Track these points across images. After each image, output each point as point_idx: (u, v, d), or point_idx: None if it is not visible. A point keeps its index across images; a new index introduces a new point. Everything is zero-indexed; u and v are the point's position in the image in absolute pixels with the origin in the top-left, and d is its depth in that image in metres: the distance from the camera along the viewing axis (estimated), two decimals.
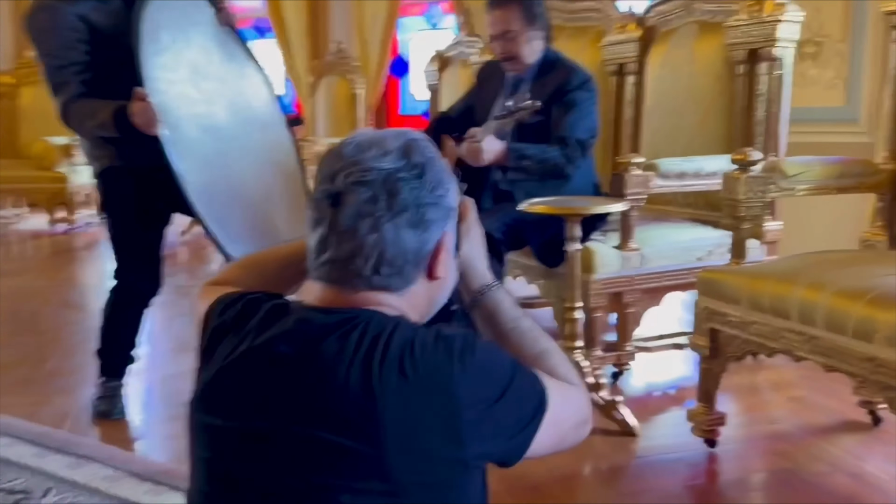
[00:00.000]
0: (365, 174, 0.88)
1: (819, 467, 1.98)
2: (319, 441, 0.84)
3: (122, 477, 1.93)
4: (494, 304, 1.10)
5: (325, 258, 0.91)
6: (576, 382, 1.07)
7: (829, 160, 2.03)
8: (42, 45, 2.14)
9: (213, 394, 0.93)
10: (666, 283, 2.56)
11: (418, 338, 0.87)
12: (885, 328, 1.50)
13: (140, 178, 2.20)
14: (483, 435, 0.88)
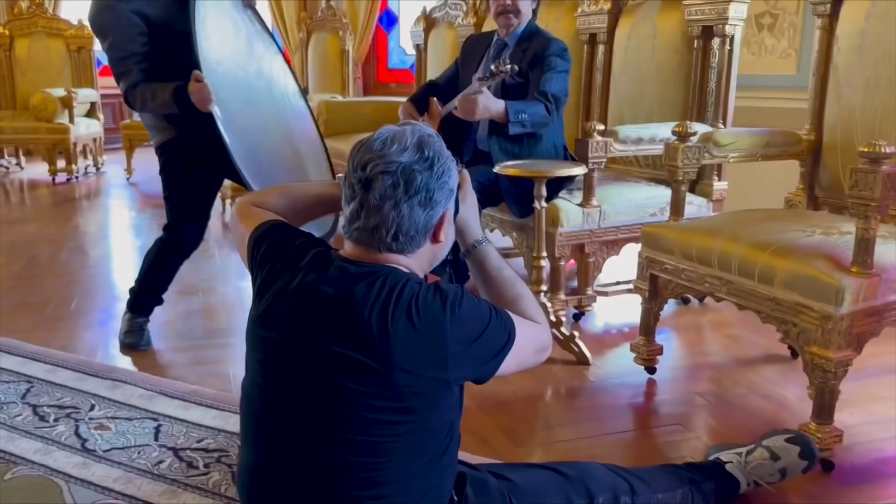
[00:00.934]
0: (388, 165, 1.18)
1: (739, 390, 2.37)
2: (347, 357, 1.16)
3: (154, 396, 2.27)
4: (484, 255, 1.45)
5: (356, 226, 1.23)
6: (540, 321, 1.42)
7: (756, 132, 2.35)
8: (106, 40, 2.43)
9: (271, 315, 1.25)
10: (623, 235, 2.91)
11: (422, 291, 1.20)
12: (783, 274, 1.85)
13: (195, 149, 2.52)
14: (463, 363, 1.22)
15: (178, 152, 2.57)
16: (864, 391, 2.31)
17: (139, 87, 2.42)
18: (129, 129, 6.32)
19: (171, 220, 2.65)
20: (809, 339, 1.81)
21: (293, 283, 1.24)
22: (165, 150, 2.59)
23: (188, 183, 2.60)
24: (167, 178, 2.62)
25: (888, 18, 2.17)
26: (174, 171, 2.59)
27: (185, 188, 2.61)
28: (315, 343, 1.19)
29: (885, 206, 1.74)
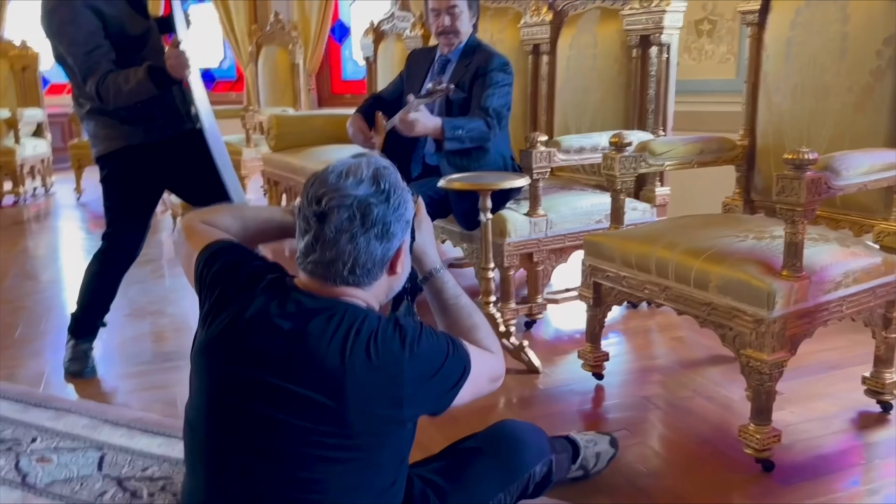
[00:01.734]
0: (344, 199, 1.17)
1: (685, 393, 2.41)
2: (297, 394, 1.15)
3: (99, 425, 2.23)
4: (441, 283, 1.46)
5: (311, 259, 1.22)
6: (495, 350, 1.44)
7: (691, 139, 2.41)
8: (67, 37, 2.36)
9: (221, 343, 1.23)
10: (570, 243, 2.94)
11: (381, 328, 1.19)
12: (716, 279, 1.90)
13: (144, 159, 2.51)
14: (419, 401, 1.23)
15: (124, 161, 2.53)
16: (803, 389, 2.37)
17: (110, 76, 2.36)
18: (77, 148, 6.20)
19: (113, 229, 2.62)
20: (744, 342, 1.86)
21: (247, 312, 1.22)
22: (112, 158, 2.55)
23: (132, 192, 2.58)
24: (111, 188, 2.59)
25: (811, 27, 2.24)
26: (120, 179, 2.56)
27: (129, 197, 2.58)
28: (264, 378, 1.17)
29: (811, 211, 1.79)
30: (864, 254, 2.01)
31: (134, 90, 2.37)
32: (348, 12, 7.78)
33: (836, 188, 1.85)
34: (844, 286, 1.94)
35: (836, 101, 2.19)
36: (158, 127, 2.54)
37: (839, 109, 2.19)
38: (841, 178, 1.84)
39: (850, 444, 2.09)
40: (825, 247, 1.98)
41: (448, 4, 2.84)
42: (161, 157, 2.56)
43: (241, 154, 5.12)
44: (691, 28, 3.98)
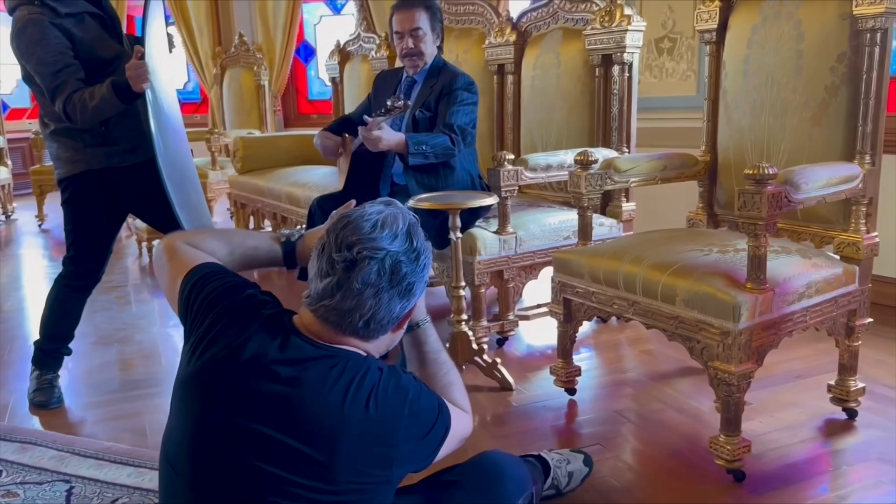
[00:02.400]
0: (378, 251, 1.14)
1: (656, 406, 2.44)
2: (287, 445, 1.10)
3: (66, 456, 2.18)
4: (425, 336, 1.46)
5: (326, 303, 1.16)
6: (467, 410, 1.45)
7: (654, 156, 2.45)
8: (35, 56, 2.32)
9: (210, 379, 1.17)
10: (540, 260, 2.97)
11: (382, 382, 1.16)
12: (683, 293, 1.93)
13: (106, 183, 2.48)
14: (409, 461, 1.22)
15: (86, 184, 2.50)
16: (772, 398, 2.41)
17: (76, 94, 2.33)
18: (39, 174, 6.10)
19: (74, 253, 2.57)
20: (712, 354, 1.89)
21: (243, 352, 1.15)
22: (73, 182, 2.52)
23: (93, 216, 2.54)
24: (73, 211, 2.55)
25: (767, 45, 2.31)
26: (81, 203, 2.52)
27: (90, 221, 2.55)
28: (255, 426, 1.12)
29: (773, 224, 1.84)
30: (825, 265, 2.06)
31: (98, 106, 2.33)
32: (314, 33, 7.80)
33: (796, 202, 1.90)
34: (807, 297, 1.98)
35: (793, 117, 2.25)
36: (121, 152, 2.51)
37: (796, 124, 2.25)
38: (800, 192, 1.89)
39: (818, 451, 2.13)
40: (788, 259, 2.03)
41: (411, 27, 2.87)
42: (123, 182, 2.54)
43: (206, 177, 5.08)
44: (652, 46, 4.06)
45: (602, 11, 3.03)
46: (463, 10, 3.79)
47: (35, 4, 2.33)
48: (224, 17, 7.61)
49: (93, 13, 2.46)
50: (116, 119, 2.45)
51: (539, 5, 3.40)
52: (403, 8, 2.91)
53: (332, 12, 7.79)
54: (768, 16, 2.31)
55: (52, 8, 2.34)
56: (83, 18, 2.42)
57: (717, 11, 2.47)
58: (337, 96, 5.21)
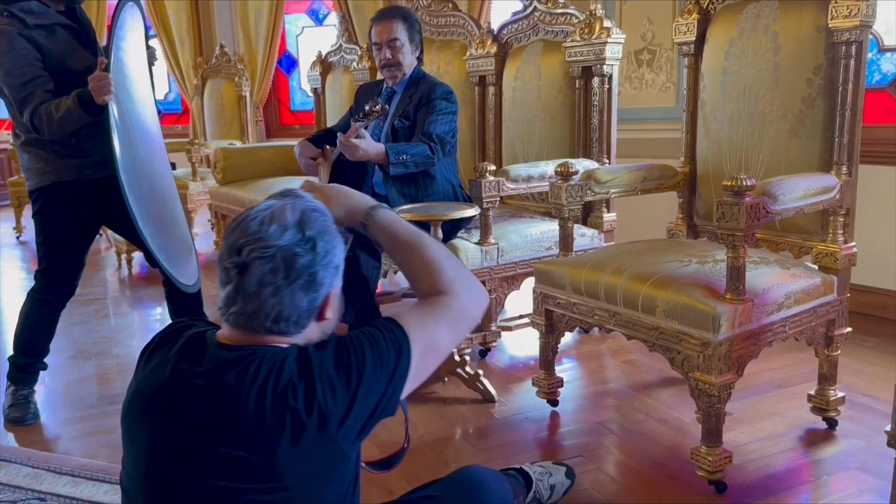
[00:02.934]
0: (266, 250, 1.08)
1: (638, 417, 2.44)
2: (223, 454, 1.07)
3: (41, 474, 2.15)
4: (388, 219, 1.31)
5: (232, 310, 1.13)
6: (456, 289, 1.25)
7: (634, 167, 2.46)
8: (3, 67, 2.29)
9: (145, 402, 1.16)
10: (522, 271, 2.97)
11: (298, 371, 1.09)
12: (663, 304, 1.93)
13: (77, 195, 2.46)
14: (353, 430, 1.12)
15: (56, 196, 2.47)
16: (752, 408, 2.42)
17: (42, 106, 2.30)
18: (16, 185, 6.04)
19: (46, 266, 2.54)
20: (692, 365, 1.89)
21: (164, 374, 1.14)
22: (43, 193, 2.48)
23: (66, 228, 2.51)
24: (44, 223, 2.51)
25: (745, 57, 2.33)
26: (52, 215, 2.49)
27: (63, 233, 2.51)
28: (190, 441, 1.10)
29: (751, 235, 1.85)
30: (804, 275, 2.08)
31: (64, 118, 2.30)
32: (296, 44, 7.79)
33: (774, 213, 1.91)
34: (786, 307, 2.00)
35: (770, 128, 2.27)
36: (93, 164, 2.48)
37: (774, 136, 2.27)
38: (778, 203, 1.90)
39: (799, 461, 2.13)
40: (767, 269, 2.04)
41: (389, 38, 2.88)
42: (95, 194, 2.50)
43: (187, 188, 5.04)
44: (631, 58, 4.10)
45: (582, 24, 3.05)
46: (444, 21, 3.80)
47: (3, 16, 2.30)
48: (205, 28, 7.58)
49: (65, 24, 2.43)
50: (87, 131, 2.42)
51: (519, 17, 3.41)
52: (381, 19, 2.92)
53: (314, 23, 7.79)
54: (745, 28, 2.33)
55: (21, 19, 2.31)
56: (54, 30, 2.39)
57: (695, 24, 2.49)
58: (319, 107, 5.19)
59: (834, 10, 2.09)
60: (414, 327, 1.19)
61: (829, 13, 2.11)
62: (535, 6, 3.31)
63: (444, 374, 2.66)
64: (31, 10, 2.33)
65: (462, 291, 1.26)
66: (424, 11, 3.84)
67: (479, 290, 1.30)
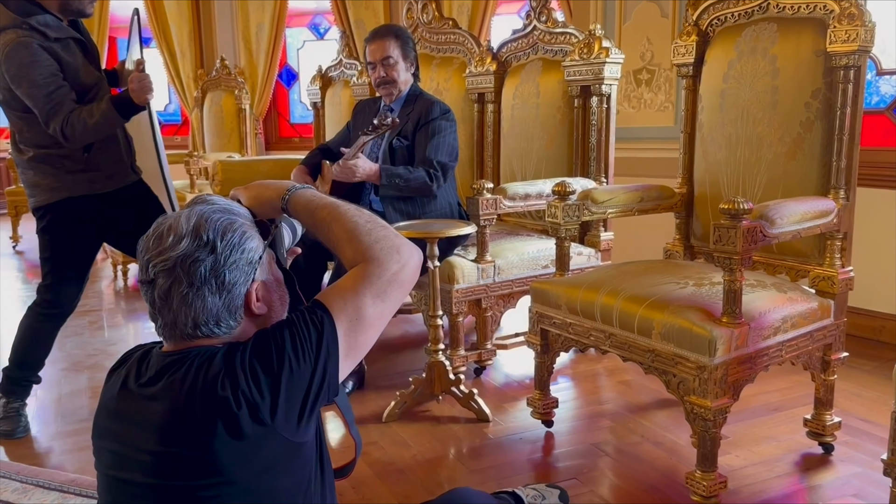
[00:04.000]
0: (165, 263, 1.10)
1: (633, 438, 2.42)
2: (168, 453, 1.08)
3: (30, 489, 2.12)
4: (304, 198, 1.25)
5: (158, 325, 1.16)
6: (376, 255, 1.18)
7: (631, 188, 2.46)
8: (28, 79, 2.30)
9: (101, 423, 1.18)
10: (518, 289, 2.96)
11: (224, 366, 1.09)
12: (659, 326, 1.92)
13: (87, 210, 2.47)
14: (290, 417, 1.09)
15: (66, 212, 2.47)
16: (748, 432, 2.41)
17: (73, 113, 2.32)
18: (14, 195, 6.01)
19: (51, 282, 2.53)
20: (688, 388, 1.88)
21: (114, 391, 1.17)
22: (52, 209, 2.48)
23: (72, 243, 2.51)
24: (50, 239, 2.51)
25: (743, 80, 2.33)
26: (60, 231, 2.49)
27: (69, 249, 2.51)
28: (143, 447, 1.11)
29: (748, 259, 1.84)
30: (800, 299, 2.07)
31: (99, 122, 2.33)
32: (296, 57, 7.82)
33: (771, 236, 1.90)
34: (783, 331, 1.99)
35: (768, 151, 2.27)
36: (103, 178, 2.50)
37: (772, 159, 2.27)
38: (775, 227, 1.90)
39: (794, 487, 2.11)
40: (763, 293, 2.03)
41: (382, 56, 2.90)
42: (104, 208, 2.51)
43: (184, 199, 5.04)
44: (630, 77, 4.11)
45: (581, 43, 3.06)
46: (444, 38, 3.81)
47: (24, 28, 2.31)
48: (206, 41, 7.60)
49: (76, 39, 2.45)
50: (99, 145, 2.44)
51: (519, 36, 3.42)
52: (374, 38, 2.94)
53: (315, 37, 7.82)
54: (744, 51, 2.33)
55: (42, 32, 2.33)
56: (69, 44, 2.41)
57: (694, 46, 2.50)
58: (318, 121, 5.20)
59: (833, 35, 2.10)
60: (335, 302, 1.16)
61: (827, 38, 2.11)
62: (535, 25, 3.32)
63: (439, 392, 2.64)
64: (49, 24, 2.35)
65: (383, 256, 1.19)
66: (425, 28, 3.85)
67: (405, 251, 1.21)
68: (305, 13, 7.72)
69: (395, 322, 3.78)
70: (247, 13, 7.22)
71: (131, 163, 2.62)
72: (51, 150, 2.42)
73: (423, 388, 2.64)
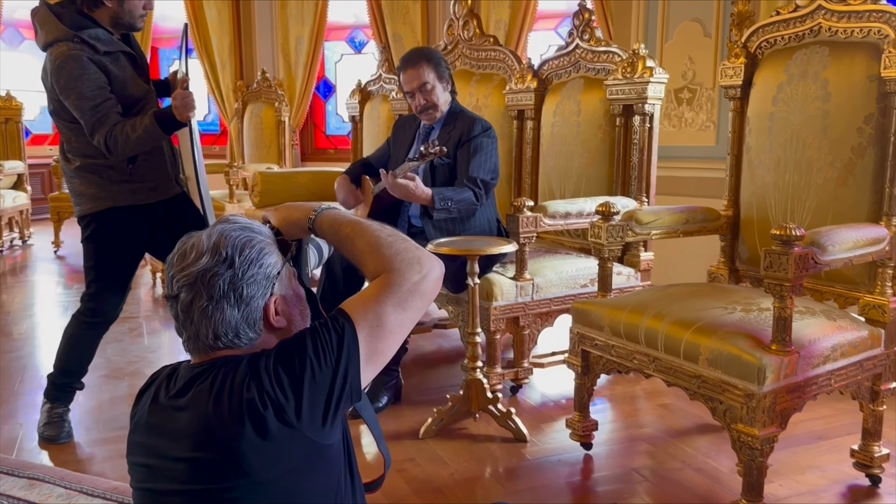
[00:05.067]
0: (186, 278, 1.15)
1: (674, 464, 2.38)
2: (195, 458, 1.11)
3: (74, 495, 2.15)
4: (329, 217, 1.30)
5: (184, 339, 1.20)
6: (396, 266, 1.21)
7: (677, 209, 2.44)
8: (76, 90, 2.36)
9: (133, 441, 1.21)
10: (556, 307, 2.95)
11: (249, 372, 1.12)
12: (706, 352, 1.90)
13: (130, 220, 2.52)
14: (315, 418, 1.12)
15: (110, 221, 2.52)
16: (792, 460, 2.36)
17: (117, 126, 2.38)
18: (56, 201, 6.15)
19: (95, 290, 2.58)
20: (735, 416, 1.85)
21: (146, 405, 1.21)
22: (96, 218, 2.53)
23: (116, 252, 2.55)
24: (95, 248, 2.56)
25: (793, 103, 2.30)
26: (104, 240, 2.54)
27: (112, 258, 2.56)
28: (172, 455, 1.14)
29: (799, 286, 1.81)
30: (850, 327, 2.03)
31: (142, 137, 2.39)
32: (334, 70, 7.90)
33: (823, 263, 1.87)
34: (832, 360, 1.95)
35: (818, 176, 2.24)
36: (146, 189, 2.54)
37: (821, 184, 2.23)
38: (827, 254, 1.87)
39: None
40: (813, 320, 1.99)
41: (419, 83, 2.89)
42: (147, 219, 2.56)
43: (224, 210, 5.10)
44: (672, 96, 4.08)
45: (624, 62, 3.04)
46: (485, 55, 3.82)
47: (74, 41, 2.37)
48: (247, 52, 7.72)
49: (126, 52, 2.50)
50: (144, 157, 2.49)
51: (561, 54, 3.42)
52: (407, 67, 2.93)
53: (353, 51, 7.90)
54: (794, 74, 2.31)
55: (92, 45, 2.39)
56: (118, 57, 2.47)
57: (742, 68, 2.47)
58: (356, 134, 5.24)
59: (887, 60, 2.07)
60: (357, 310, 1.20)
61: (881, 63, 2.08)
62: (578, 43, 3.32)
63: (476, 410, 2.63)
64: (99, 38, 2.41)
65: (404, 267, 1.22)
66: (465, 45, 3.87)
67: (426, 262, 1.24)
68: (344, 27, 7.81)
69: (430, 337, 3.79)
70: (286, 26, 7.33)
71: (175, 175, 2.67)
72: (97, 160, 2.47)
73: (460, 405, 2.64)
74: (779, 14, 2.41)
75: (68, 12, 2.40)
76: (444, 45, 3.98)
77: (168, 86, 2.71)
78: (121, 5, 2.43)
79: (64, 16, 2.40)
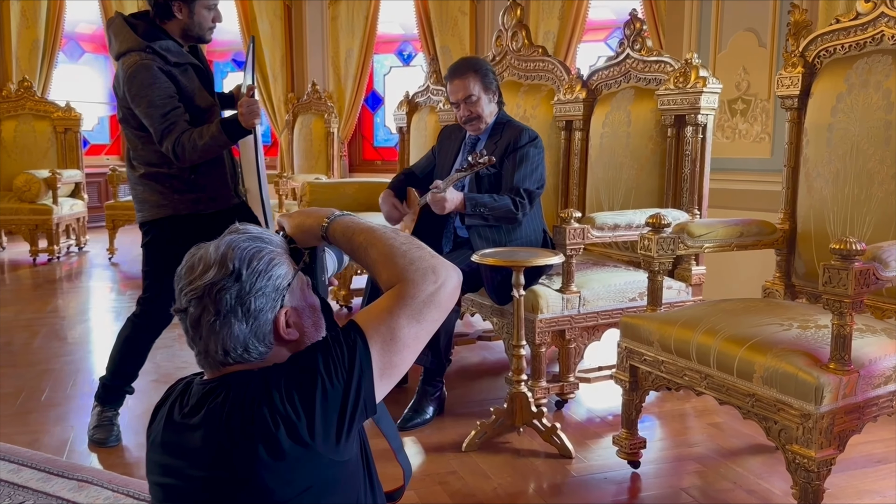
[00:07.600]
0: (194, 292, 1.14)
1: (724, 485, 2.31)
2: (211, 477, 1.10)
3: (121, 498, 2.19)
4: (343, 224, 1.27)
5: (195, 353, 1.18)
6: (410, 276, 1.18)
7: (731, 222, 2.37)
8: (146, 99, 2.44)
9: (151, 459, 1.21)
10: (603, 321, 2.89)
11: (261, 388, 1.10)
12: (761, 370, 1.83)
13: (189, 229, 2.55)
14: (329, 435, 1.10)
15: (169, 229, 2.57)
16: (849, 484, 2.26)
17: (185, 134, 2.44)
18: (113, 209, 6.32)
19: (150, 295, 2.63)
20: (790, 437, 1.78)
21: (160, 423, 1.20)
22: (156, 225, 2.59)
23: (172, 260, 2.57)
24: (153, 253, 2.62)
25: (853, 113, 2.23)
26: (162, 247, 2.58)
27: (169, 265, 2.58)
28: (189, 474, 1.13)
29: (860, 302, 1.74)
30: None
31: (208, 144, 2.44)
32: (382, 82, 7.98)
33: (885, 279, 1.79)
34: (894, 380, 1.86)
35: (879, 189, 2.16)
36: (207, 199, 2.59)
37: (883, 197, 2.15)
38: (890, 270, 1.79)
39: None
40: (873, 338, 1.91)
41: (464, 95, 2.89)
42: (205, 228, 2.57)
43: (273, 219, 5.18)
44: (725, 107, 4.00)
45: (676, 72, 2.99)
46: (532, 66, 3.80)
47: (146, 52, 2.44)
48: (298, 65, 7.86)
49: (194, 65, 2.57)
50: (205, 168, 2.54)
51: (611, 64, 3.38)
52: (454, 78, 2.93)
53: (401, 63, 7.97)
54: (855, 84, 2.23)
55: (163, 56, 2.46)
56: (187, 69, 2.53)
57: (800, 77, 2.40)
58: (403, 145, 5.27)
59: None
60: (370, 323, 1.17)
61: None
62: (629, 53, 3.27)
63: (520, 424, 2.60)
64: (170, 49, 2.48)
65: (418, 277, 1.18)
66: (514, 56, 3.85)
67: (442, 271, 1.20)
68: (393, 40, 7.89)
69: (474, 349, 3.76)
70: (337, 40, 7.43)
71: (235, 186, 2.71)
72: (161, 168, 2.53)
73: (503, 418, 2.60)
74: (839, 22, 2.34)
75: (141, 24, 2.49)
76: (493, 55, 3.97)
77: (232, 99, 2.77)
78: (191, 17, 2.50)
79: (137, 27, 2.49)
